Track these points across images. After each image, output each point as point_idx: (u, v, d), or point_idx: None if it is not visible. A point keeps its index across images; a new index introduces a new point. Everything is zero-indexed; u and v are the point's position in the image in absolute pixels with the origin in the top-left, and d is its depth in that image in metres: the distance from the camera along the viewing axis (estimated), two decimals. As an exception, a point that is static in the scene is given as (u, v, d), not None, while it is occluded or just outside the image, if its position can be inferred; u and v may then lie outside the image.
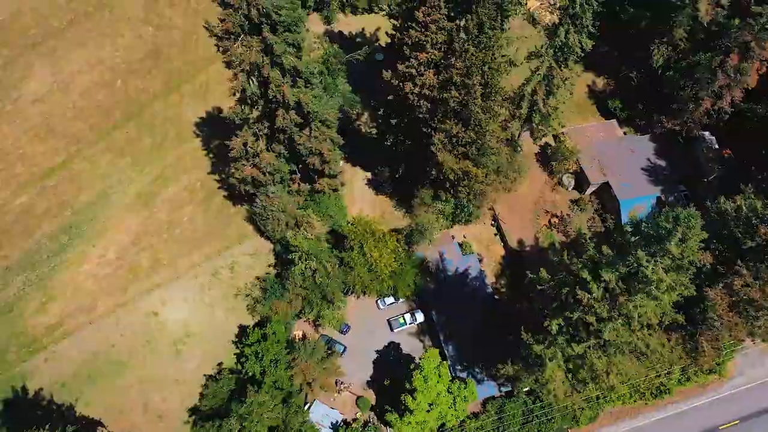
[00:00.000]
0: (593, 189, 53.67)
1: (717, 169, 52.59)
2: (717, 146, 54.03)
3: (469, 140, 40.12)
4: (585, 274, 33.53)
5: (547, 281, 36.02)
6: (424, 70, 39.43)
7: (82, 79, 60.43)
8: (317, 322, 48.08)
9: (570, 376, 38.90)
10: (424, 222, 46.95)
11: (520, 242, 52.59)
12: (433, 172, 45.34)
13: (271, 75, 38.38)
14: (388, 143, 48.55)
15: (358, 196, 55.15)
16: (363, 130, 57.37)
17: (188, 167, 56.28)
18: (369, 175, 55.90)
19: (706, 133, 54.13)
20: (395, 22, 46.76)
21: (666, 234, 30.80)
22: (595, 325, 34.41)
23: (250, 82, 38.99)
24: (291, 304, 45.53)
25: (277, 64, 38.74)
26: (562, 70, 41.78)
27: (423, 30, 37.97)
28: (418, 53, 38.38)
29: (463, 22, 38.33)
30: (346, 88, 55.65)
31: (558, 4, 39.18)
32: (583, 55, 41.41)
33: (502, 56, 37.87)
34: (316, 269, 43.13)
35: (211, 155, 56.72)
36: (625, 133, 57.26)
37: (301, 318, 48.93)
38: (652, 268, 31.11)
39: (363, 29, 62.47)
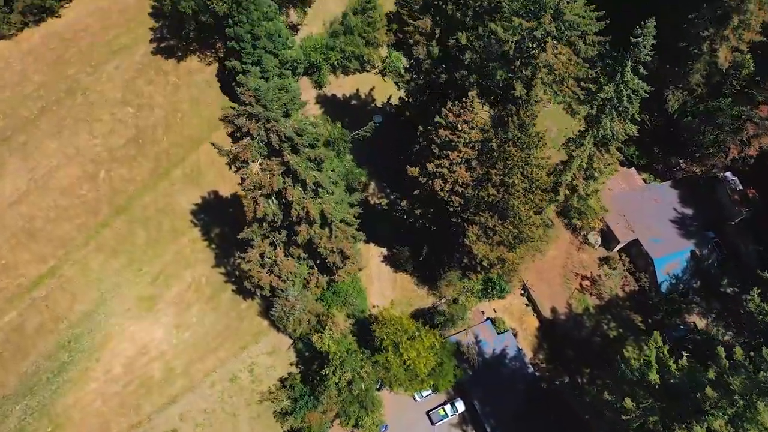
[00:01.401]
0: (622, 246, 53.07)
1: (744, 212, 52.56)
2: (741, 187, 54.08)
3: (507, 233, 38.95)
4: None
5: (633, 411, 34.22)
6: (456, 168, 38.12)
7: (62, 173, 58.21)
8: (354, 429, 46.32)
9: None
10: (458, 311, 45.68)
11: (554, 310, 51.93)
12: (465, 260, 44.10)
13: (294, 195, 36.61)
14: (410, 221, 46.93)
15: (375, 274, 53.90)
16: (372, 202, 55.97)
17: (190, 262, 54.32)
18: (384, 250, 54.44)
19: (729, 174, 54.22)
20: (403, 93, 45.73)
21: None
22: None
23: (270, 203, 37.21)
24: (325, 414, 43.69)
25: (298, 181, 37.02)
26: (603, 156, 41.02)
27: (454, 130, 36.69)
28: (449, 152, 37.05)
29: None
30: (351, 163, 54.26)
31: (597, 96, 38.06)
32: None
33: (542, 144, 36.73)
34: (351, 379, 41.38)
35: (212, 246, 54.96)
36: (645, 181, 57.04)
37: (336, 423, 47.05)
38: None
39: (357, 90, 61.48)
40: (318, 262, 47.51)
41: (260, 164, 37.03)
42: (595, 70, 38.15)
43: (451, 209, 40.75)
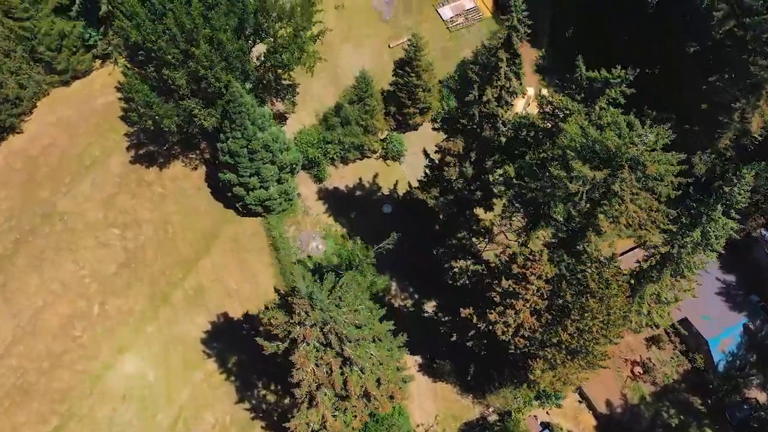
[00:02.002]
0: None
1: (785, 270, 51.26)
2: (779, 244, 52.76)
3: (576, 366, 36.18)
4: None
5: None
6: (522, 313, 35.11)
7: (50, 314, 53.83)
8: None
9: None
10: (513, 426, 42.77)
11: (609, 403, 49.74)
12: (524, 385, 41.27)
13: (353, 380, 33.11)
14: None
15: (414, 387, 50.57)
16: (396, 305, 52.76)
17: (209, 400, 50.49)
18: (418, 358, 51.16)
19: (764, 231, 52.55)
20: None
21: None
22: None
23: (326, 394, 33.75)
24: None
25: (356, 366, 33.58)
26: (680, 282, 38.47)
27: (518, 280, 33.61)
28: (513, 301, 34.00)
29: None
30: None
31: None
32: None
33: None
34: None
35: (231, 378, 51.26)
36: (678, 247, 55.12)
37: None
38: None
39: (360, 179, 58.17)
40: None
41: (316, 363, 33.64)
42: (676, 210, 35.69)
43: (513, 349, 37.89)
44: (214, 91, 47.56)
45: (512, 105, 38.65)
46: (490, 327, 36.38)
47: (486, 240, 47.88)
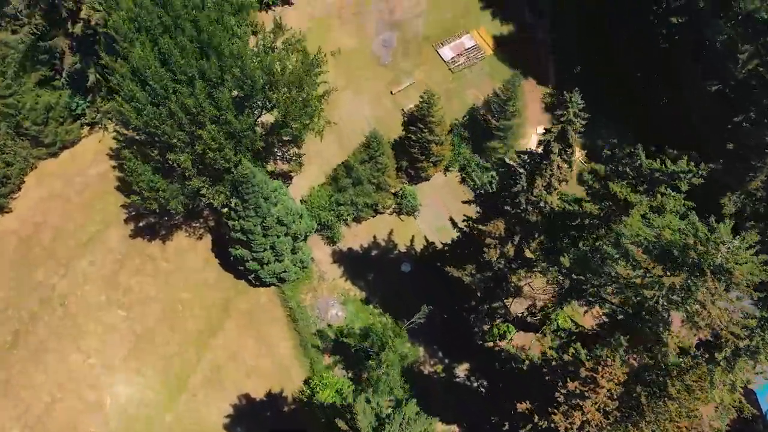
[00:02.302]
0: (711, 373, 49.36)
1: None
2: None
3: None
4: None
5: None
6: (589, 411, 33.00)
7: (60, 411, 51.01)
8: None
9: None
10: None
11: (658, 463, 47.38)
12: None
13: None
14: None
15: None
16: (426, 371, 50.56)
17: (238, 493, 47.22)
18: (456, 429, 48.85)
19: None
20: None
21: None
22: None
23: None
24: None
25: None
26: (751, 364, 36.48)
27: (586, 383, 31.49)
28: (580, 401, 31.90)
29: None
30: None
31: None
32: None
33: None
34: None
35: (262, 468, 47.93)
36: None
37: None
38: None
39: (374, 237, 55.80)
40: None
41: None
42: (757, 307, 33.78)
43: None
44: (222, 168, 44.89)
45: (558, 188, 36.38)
46: (552, 425, 34.40)
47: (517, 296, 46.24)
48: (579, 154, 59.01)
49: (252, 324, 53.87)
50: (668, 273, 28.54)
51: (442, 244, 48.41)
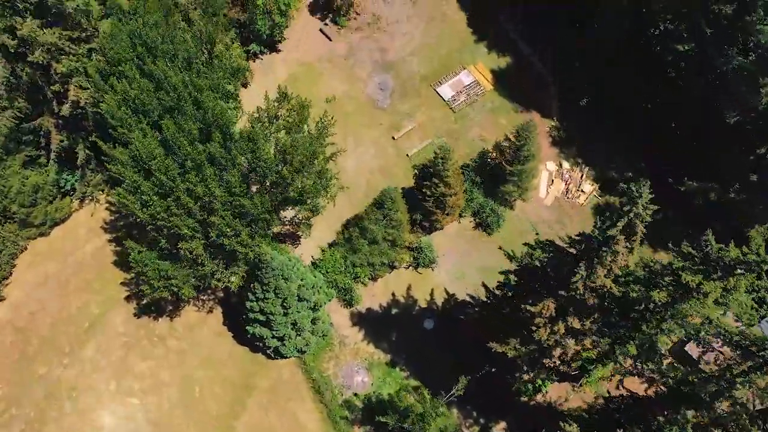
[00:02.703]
0: None
1: None
2: None
3: None
4: None
5: None
6: None
7: None
8: None
9: None
10: None
11: None
12: None
13: None
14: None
15: None
16: (463, 435, 48.54)
17: None
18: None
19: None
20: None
21: None
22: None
23: None
24: None
25: None
26: None
27: None
28: None
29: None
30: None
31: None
32: None
33: None
34: None
35: None
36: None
37: None
38: None
39: (393, 294, 53.67)
40: None
41: None
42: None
43: None
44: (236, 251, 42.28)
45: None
46: None
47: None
48: (591, 188, 57.66)
49: (275, 400, 51.14)
50: (757, 372, 26.99)
51: (472, 300, 46.34)
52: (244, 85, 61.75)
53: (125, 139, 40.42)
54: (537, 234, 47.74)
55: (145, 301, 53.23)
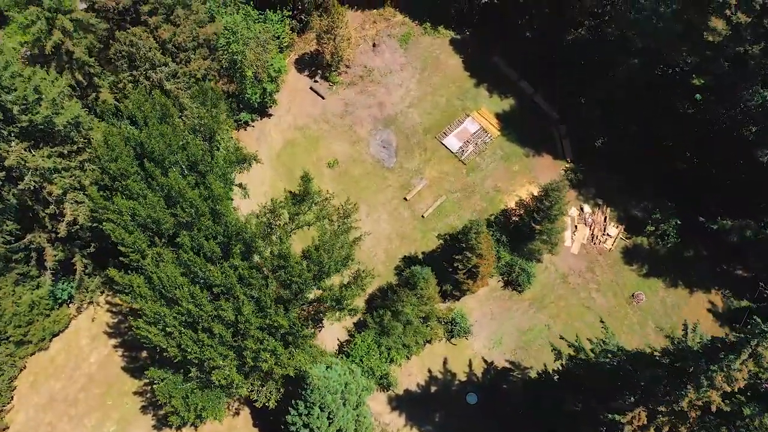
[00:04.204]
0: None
1: None
2: None
3: None
4: None
5: None
6: None
7: None
8: None
9: None
10: None
11: None
12: None
13: None
14: None
15: None
16: None
17: None
18: None
19: None
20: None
21: None
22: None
23: None
24: None
25: None
26: None
27: None
28: None
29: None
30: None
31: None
32: None
33: None
34: None
35: None
36: None
37: None
38: None
39: (429, 371, 50.59)
40: None
41: None
42: None
43: None
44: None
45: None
46: None
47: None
48: (617, 231, 55.28)
49: (320, 504, 47.54)
50: None
51: (513, 366, 43.15)
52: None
53: (138, 263, 36.31)
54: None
55: (163, 411, 49.27)
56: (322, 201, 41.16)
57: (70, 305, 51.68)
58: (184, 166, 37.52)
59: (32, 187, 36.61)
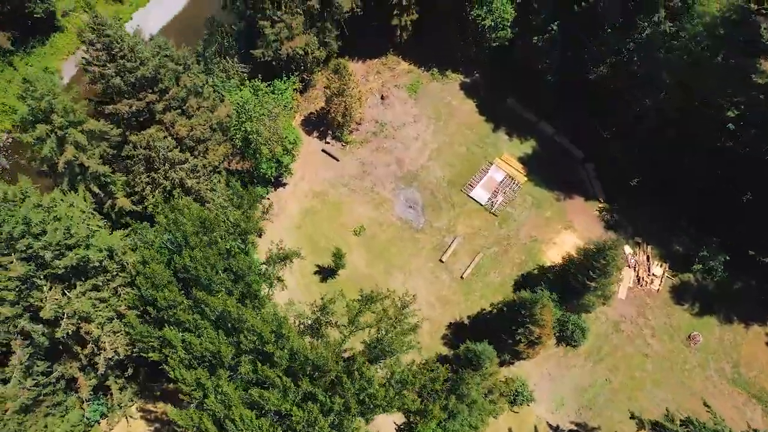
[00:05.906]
0: None
1: None
2: None
3: None
4: None
5: None
6: None
7: None
8: None
9: None
10: None
11: None
12: None
13: None
14: None
15: None
16: None
17: None
18: None
19: None
20: None
21: None
22: None
23: None
24: None
25: None
26: None
27: None
28: None
29: None
30: None
31: None
32: None
33: None
34: None
35: None
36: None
37: None
38: None
39: (489, 444, 47.23)
40: None
41: None
42: None
43: None
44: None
45: None
46: None
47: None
48: (662, 270, 53.37)
49: None
50: None
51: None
52: (259, 235, 54.46)
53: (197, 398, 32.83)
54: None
55: None
56: (381, 299, 38.16)
57: (100, 422, 47.85)
58: (230, 285, 34.19)
59: (69, 333, 32.86)
